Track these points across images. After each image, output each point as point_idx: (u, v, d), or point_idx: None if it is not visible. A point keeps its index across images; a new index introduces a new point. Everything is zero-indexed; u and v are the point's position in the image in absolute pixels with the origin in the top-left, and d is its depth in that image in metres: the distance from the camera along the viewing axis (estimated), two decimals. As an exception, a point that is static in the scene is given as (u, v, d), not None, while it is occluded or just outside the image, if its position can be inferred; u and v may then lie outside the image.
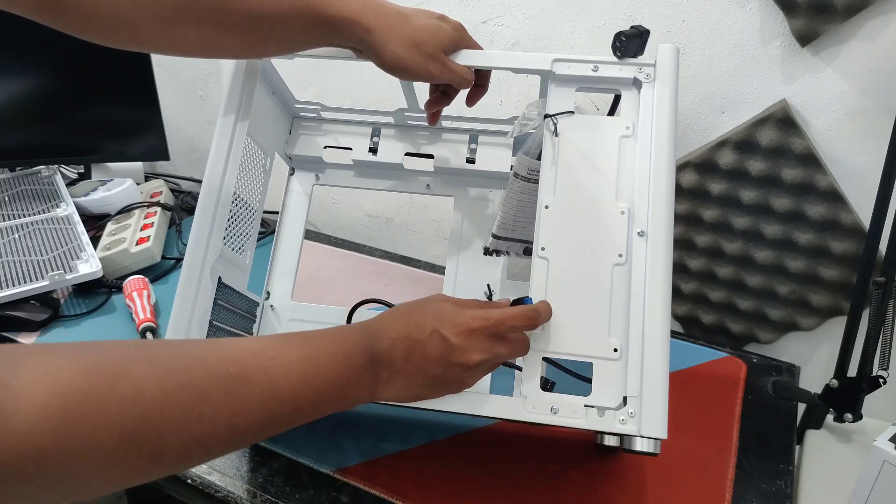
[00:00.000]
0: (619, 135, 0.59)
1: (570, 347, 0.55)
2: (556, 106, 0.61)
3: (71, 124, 1.12)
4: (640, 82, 0.59)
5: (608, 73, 0.60)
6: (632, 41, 0.59)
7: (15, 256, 0.90)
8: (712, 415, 0.75)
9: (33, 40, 1.01)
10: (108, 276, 0.94)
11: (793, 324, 0.89)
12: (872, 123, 0.78)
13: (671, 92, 0.59)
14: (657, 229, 0.56)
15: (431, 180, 0.79)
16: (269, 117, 0.73)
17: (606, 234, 0.57)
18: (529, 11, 0.92)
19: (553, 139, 0.60)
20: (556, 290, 0.56)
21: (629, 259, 0.56)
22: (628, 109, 0.60)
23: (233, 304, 0.67)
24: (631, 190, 0.57)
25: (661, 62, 0.59)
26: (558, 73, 0.60)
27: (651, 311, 0.54)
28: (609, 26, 0.89)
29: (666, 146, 0.57)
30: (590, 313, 0.55)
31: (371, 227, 1.21)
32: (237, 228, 0.67)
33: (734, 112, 0.85)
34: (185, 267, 0.58)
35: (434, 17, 0.60)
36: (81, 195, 1.10)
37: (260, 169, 0.71)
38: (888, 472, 0.59)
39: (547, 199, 0.58)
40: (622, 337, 0.54)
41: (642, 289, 0.54)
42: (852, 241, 0.82)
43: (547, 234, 0.57)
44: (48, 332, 0.83)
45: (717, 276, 0.91)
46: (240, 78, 0.63)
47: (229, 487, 0.63)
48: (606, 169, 0.58)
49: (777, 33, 0.80)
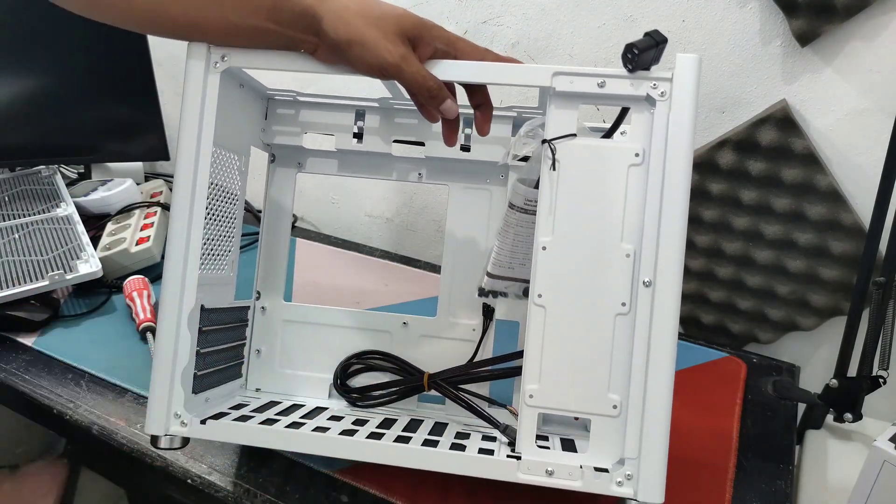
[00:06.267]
0: (628, 163, 0.51)
1: (568, 403, 0.52)
2: (557, 127, 0.53)
3: (71, 124, 1.12)
4: (654, 100, 0.51)
5: (617, 90, 0.51)
6: (645, 54, 0.49)
7: (15, 256, 0.90)
8: (712, 415, 0.75)
9: (34, 40, 1.01)
10: (108, 275, 0.94)
11: (793, 324, 0.89)
12: (872, 123, 0.78)
13: (690, 112, 0.50)
14: (665, 279, 0.50)
15: (423, 169, 0.73)
16: (239, 114, 0.66)
17: (609, 281, 0.52)
18: (529, 11, 0.92)
19: (551, 166, 0.53)
20: (554, 340, 0.52)
21: (633, 309, 0.51)
22: (639, 131, 0.51)
23: (221, 322, 0.64)
24: (639, 229, 0.51)
25: (679, 76, 0.50)
26: (559, 88, 0.52)
27: (655, 368, 0.50)
28: (610, 26, 0.89)
29: (681, 178, 0.50)
30: (589, 367, 0.52)
31: (371, 227, 1.21)
32: (216, 247, 0.64)
33: (734, 112, 0.85)
34: (161, 315, 0.56)
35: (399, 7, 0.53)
36: (81, 195, 1.10)
37: (234, 172, 0.65)
38: (888, 472, 0.59)
39: (544, 238, 0.53)
40: (622, 393, 0.51)
41: (646, 341, 0.50)
42: (852, 241, 0.82)
43: (544, 279, 0.52)
44: (48, 332, 0.83)
45: (717, 276, 0.91)
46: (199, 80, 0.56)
47: (229, 487, 0.63)
48: (612, 203, 0.52)
49: (777, 33, 0.80)
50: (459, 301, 0.70)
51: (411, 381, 0.66)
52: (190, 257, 0.56)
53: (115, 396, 0.71)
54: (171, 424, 0.54)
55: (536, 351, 0.52)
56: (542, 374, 0.52)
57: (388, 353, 0.69)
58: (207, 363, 0.62)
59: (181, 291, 0.56)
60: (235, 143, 0.65)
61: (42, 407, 0.70)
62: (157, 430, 0.54)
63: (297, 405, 0.67)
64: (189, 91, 0.55)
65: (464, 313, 0.70)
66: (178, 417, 0.55)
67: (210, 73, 0.55)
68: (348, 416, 0.64)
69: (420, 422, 0.63)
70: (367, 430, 0.58)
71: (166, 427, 0.54)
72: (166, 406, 0.55)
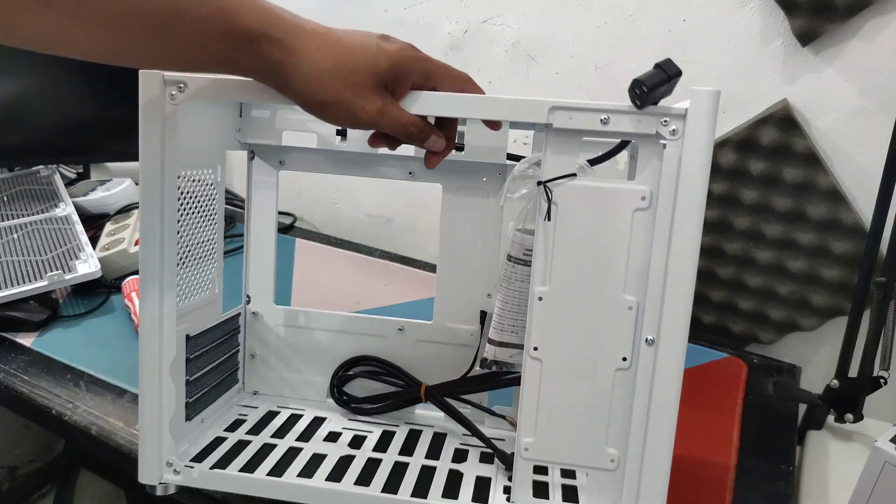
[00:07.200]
0: (633, 207, 0.46)
1: (564, 456, 0.51)
2: (554, 168, 0.47)
3: (70, 124, 1.12)
4: (664, 138, 0.45)
5: (622, 127, 0.45)
6: (655, 91, 0.43)
7: (14, 257, 0.90)
8: (713, 415, 0.75)
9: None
10: (107, 276, 0.94)
11: (794, 324, 0.88)
12: (873, 123, 0.78)
13: (705, 153, 0.44)
14: (670, 337, 0.46)
15: (415, 166, 0.67)
16: (208, 126, 0.60)
17: (610, 335, 0.48)
18: (529, 11, 0.92)
19: (546, 215, 0.48)
20: (551, 393, 0.50)
21: (635, 364, 0.48)
22: (646, 172, 0.46)
23: (210, 342, 0.63)
24: (643, 279, 0.47)
25: (694, 113, 0.44)
26: (557, 125, 0.46)
27: (656, 423, 0.48)
28: (610, 25, 0.89)
29: (692, 226, 0.45)
30: (587, 420, 0.50)
31: (371, 227, 1.21)
32: (195, 273, 0.60)
33: (735, 112, 0.85)
34: (141, 368, 0.54)
35: (374, 37, 0.45)
36: (80, 195, 1.10)
37: (209, 186, 0.61)
38: (889, 473, 0.58)
39: (540, 288, 0.49)
40: (621, 447, 0.49)
41: (647, 398, 0.48)
42: (853, 241, 0.81)
43: (541, 331, 0.49)
44: (47, 333, 0.83)
45: (717, 276, 0.91)
46: (156, 114, 0.50)
47: (228, 488, 0.63)
48: (614, 251, 0.47)
49: (778, 33, 0.79)
50: (456, 306, 0.67)
51: (409, 394, 0.66)
52: (165, 304, 0.53)
53: (114, 397, 0.71)
54: (163, 472, 0.55)
55: (532, 404, 0.50)
56: (538, 427, 0.51)
57: (386, 361, 0.68)
58: (200, 385, 0.61)
59: (159, 345, 0.54)
60: (207, 158, 0.60)
61: (41, 407, 0.69)
62: (151, 479, 0.55)
63: (296, 415, 0.66)
64: (146, 123, 0.50)
65: (461, 319, 0.67)
66: (171, 466, 0.55)
67: (168, 106, 0.50)
68: (346, 430, 0.64)
69: (419, 434, 0.63)
70: (362, 457, 0.58)
71: (159, 476, 0.55)
72: (157, 455, 0.54)
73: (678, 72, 0.43)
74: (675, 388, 0.47)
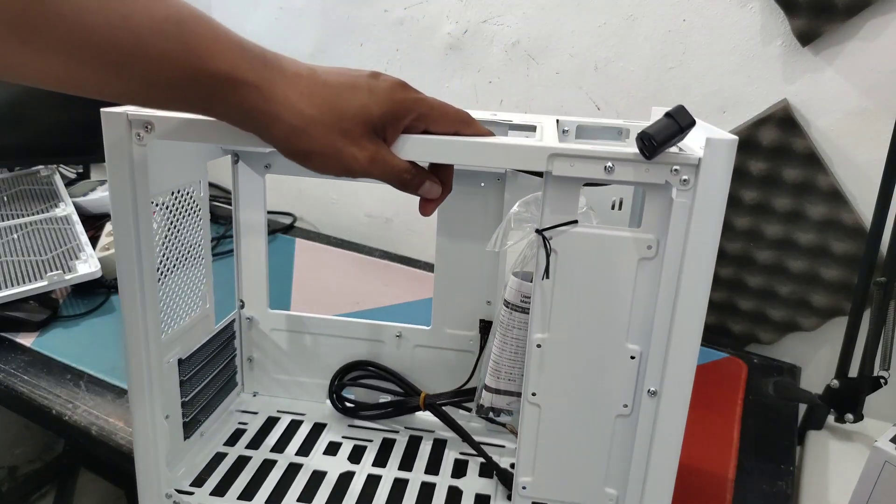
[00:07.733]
0: (638, 255, 0.44)
1: (562, 494, 0.50)
2: (554, 215, 0.44)
3: (70, 124, 1.12)
4: (675, 187, 0.41)
5: (628, 176, 0.41)
6: (664, 145, 0.39)
7: (14, 257, 0.90)
8: (713, 415, 0.75)
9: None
10: (107, 276, 0.94)
11: (794, 324, 0.88)
12: (874, 123, 0.78)
13: (719, 205, 0.41)
14: (673, 389, 0.45)
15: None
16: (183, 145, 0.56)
17: (611, 383, 0.47)
18: (529, 11, 0.92)
19: (547, 265, 0.45)
20: (549, 436, 0.49)
21: (635, 412, 0.47)
22: (653, 220, 0.43)
23: (204, 358, 0.62)
24: (647, 328, 0.45)
25: (708, 163, 0.40)
26: (557, 173, 0.42)
27: (656, 466, 0.46)
28: (610, 25, 0.89)
29: (701, 277, 0.42)
30: (586, 461, 0.49)
31: (371, 227, 1.21)
32: (182, 295, 0.58)
33: (735, 112, 0.85)
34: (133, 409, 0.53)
35: (363, 77, 0.41)
36: (80, 195, 1.10)
37: (191, 204, 0.58)
38: (889, 473, 0.58)
39: (539, 335, 0.47)
40: (620, 487, 0.49)
41: (647, 444, 0.47)
42: (853, 241, 0.81)
43: (539, 377, 0.48)
44: (47, 333, 0.83)
45: (718, 276, 0.91)
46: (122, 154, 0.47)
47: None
48: (617, 299, 0.45)
49: (778, 33, 0.79)
50: (455, 312, 0.66)
51: (408, 403, 0.66)
52: (151, 341, 0.52)
53: (114, 397, 0.71)
54: None
55: (530, 445, 0.50)
56: (537, 467, 0.50)
57: (385, 367, 0.68)
58: (197, 402, 0.61)
59: (148, 379, 0.52)
60: (185, 177, 0.56)
61: (41, 407, 0.69)
62: None
63: (297, 421, 0.66)
64: (112, 164, 0.47)
65: (460, 324, 0.66)
66: (170, 498, 0.55)
67: (135, 148, 0.47)
68: (346, 439, 0.64)
69: (419, 441, 0.63)
70: (362, 474, 0.59)
71: None
72: (156, 490, 0.55)
73: (691, 122, 0.39)
74: (677, 440, 0.46)
